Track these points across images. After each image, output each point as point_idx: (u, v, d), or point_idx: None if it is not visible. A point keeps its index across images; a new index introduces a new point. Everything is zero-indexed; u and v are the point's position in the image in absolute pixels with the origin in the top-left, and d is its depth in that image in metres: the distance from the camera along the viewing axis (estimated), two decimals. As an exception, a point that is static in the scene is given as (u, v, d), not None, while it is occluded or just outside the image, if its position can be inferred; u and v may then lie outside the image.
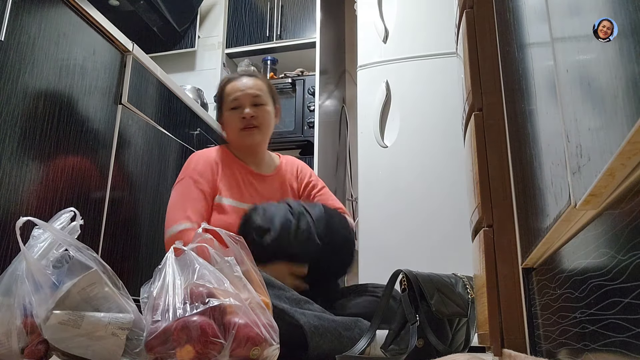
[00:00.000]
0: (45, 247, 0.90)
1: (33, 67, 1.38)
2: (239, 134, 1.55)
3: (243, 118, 1.52)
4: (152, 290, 0.91)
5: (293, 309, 1.15)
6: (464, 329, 1.32)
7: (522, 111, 0.73)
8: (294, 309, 1.16)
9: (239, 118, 1.53)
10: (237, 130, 1.54)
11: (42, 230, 0.93)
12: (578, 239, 0.55)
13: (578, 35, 0.42)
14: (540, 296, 0.75)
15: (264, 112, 1.56)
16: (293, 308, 1.16)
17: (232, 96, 1.55)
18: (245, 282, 0.95)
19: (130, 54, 1.80)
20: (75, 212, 0.98)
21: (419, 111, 2.24)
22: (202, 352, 0.82)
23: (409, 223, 2.12)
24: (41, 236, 0.92)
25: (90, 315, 0.84)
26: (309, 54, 2.84)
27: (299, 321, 1.12)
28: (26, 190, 1.34)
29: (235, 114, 1.54)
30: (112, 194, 1.67)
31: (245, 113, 1.52)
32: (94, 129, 1.62)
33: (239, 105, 1.54)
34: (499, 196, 0.91)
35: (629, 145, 0.32)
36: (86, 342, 0.84)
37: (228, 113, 1.56)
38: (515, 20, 0.76)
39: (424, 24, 2.34)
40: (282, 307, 1.11)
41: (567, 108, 0.46)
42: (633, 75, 0.30)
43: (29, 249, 0.89)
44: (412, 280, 1.24)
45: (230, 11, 3.05)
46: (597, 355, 0.50)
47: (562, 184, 0.49)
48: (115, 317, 0.86)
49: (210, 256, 0.96)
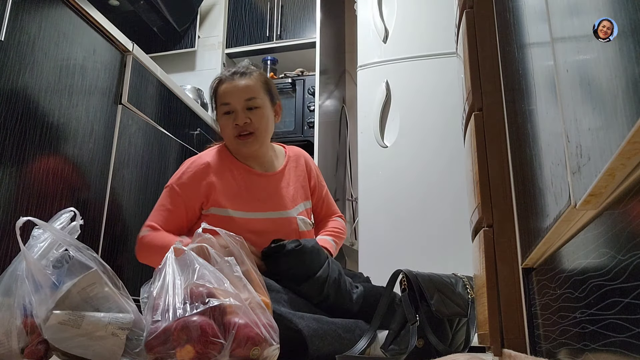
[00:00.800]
0: (45, 247, 0.90)
1: (33, 67, 1.38)
2: (234, 141, 1.42)
3: (236, 125, 1.40)
4: (152, 290, 0.91)
5: (291, 313, 1.14)
6: (464, 329, 1.32)
7: (522, 111, 0.73)
8: (292, 312, 1.15)
9: (232, 125, 1.40)
10: (231, 137, 1.42)
11: (42, 230, 0.93)
12: (578, 239, 0.55)
13: (578, 35, 0.42)
14: (540, 296, 0.75)
15: (259, 116, 1.41)
16: (291, 312, 1.15)
17: (224, 100, 1.42)
18: (245, 282, 0.95)
19: (130, 54, 1.80)
20: (75, 212, 0.98)
21: (419, 111, 2.24)
22: (202, 352, 0.82)
23: (409, 223, 2.12)
24: (41, 236, 0.92)
25: (91, 315, 0.84)
26: (309, 54, 2.84)
27: (298, 325, 1.11)
28: (26, 190, 1.34)
29: (229, 120, 1.41)
30: (112, 194, 1.67)
31: (238, 120, 1.39)
32: (94, 129, 1.62)
33: (231, 110, 1.41)
34: (499, 196, 0.91)
35: (629, 145, 0.32)
36: (86, 342, 0.84)
37: (221, 117, 1.44)
38: (515, 20, 0.76)
39: (424, 24, 2.34)
40: (280, 312, 1.10)
41: (567, 108, 0.46)
42: (633, 75, 0.30)
43: (29, 249, 0.89)
44: (412, 280, 1.24)
45: (230, 11, 3.06)
46: (597, 355, 0.50)
47: (562, 184, 0.49)
48: (115, 317, 0.86)
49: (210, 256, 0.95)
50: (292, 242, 1.26)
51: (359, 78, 2.42)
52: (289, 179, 1.52)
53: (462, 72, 1.17)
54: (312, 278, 1.25)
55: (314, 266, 1.26)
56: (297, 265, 1.24)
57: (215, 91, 1.46)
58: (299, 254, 1.24)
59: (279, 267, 1.26)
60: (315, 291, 1.25)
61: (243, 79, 1.42)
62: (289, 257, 1.24)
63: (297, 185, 1.53)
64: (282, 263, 1.25)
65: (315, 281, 1.25)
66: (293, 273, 1.25)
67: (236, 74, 1.43)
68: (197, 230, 1.00)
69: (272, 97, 1.48)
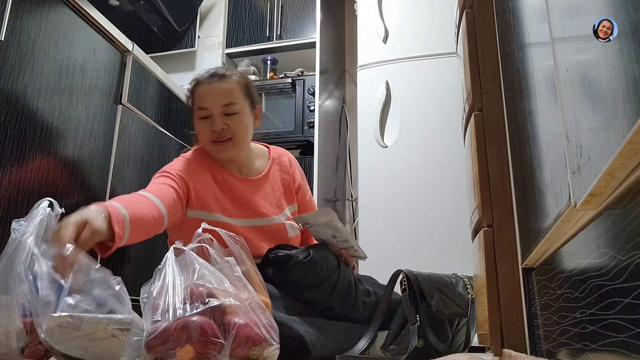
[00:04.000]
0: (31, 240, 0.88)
1: (33, 67, 1.38)
2: (210, 146, 1.35)
3: (213, 131, 1.32)
4: (152, 290, 0.91)
5: (290, 319, 1.13)
6: (464, 329, 1.32)
7: (522, 111, 0.73)
8: (292, 318, 1.14)
9: (209, 130, 1.32)
10: (208, 142, 1.34)
11: (23, 223, 0.90)
12: (578, 239, 0.55)
13: (578, 35, 0.42)
14: (540, 296, 0.75)
15: (237, 122, 1.33)
16: (290, 317, 1.14)
17: (201, 104, 1.33)
18: (245, 282, 0.95)
19: (130, 54, 1.80)
20: (52, 201, 0.94)
21: (419, 111, 2.24)
22: (202, 352, 0.82)
23: (409, 223, 2.12)
24: (22, 229, 0.90)
25: (90, 317, 0.84)
26: (309, 54, 2.84)
27: (298, 332, 1.11)
28: (26, 189, 1.34)
29: (205, 124, 1.33)
30: (112, 194, 1.67)
31: (215, 126, 1.31)
32: (94, 129, 1.62)
33: (208, 115, 1.33)
34: (499, 196, 0.91)
35: (629, 145, 0.32)
36: (86, 344, 0.83)
37: (198, 122, 1.35)
38: (515, 20, 0.76)
39: (424, 24, 2.34)
40: (279, 319, 1.07)
41: (567, 108, 0.46)
42: (633, 75, 0.30)
43: (13, 243, 0.87)
44: (413, 281, 1.24)
45: (230, 11, 3.06)
46: (597, 355, 0.50)
47: (562, 184, 0.49)
48: (114, 318, 0.86)
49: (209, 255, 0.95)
50: (302, 253, 1.22)
51: (359, 78, 2.42)
52: (273, 183, 1.46)
53: (462, 72, 1.17)
54: (319, 287, 1.22)
55: (322, 276, 1.22)
56: (306, 276, 1.20)
57: (192, 93, 1.37)
58: (308, 265, 1.20)
59: (287, 278, 1.21)
60: (321, 300, 1.23)
61: (222, 83, 1.34)
62: (299, 268, 1.20)
63: (283, 188, 1.48)
64: (291, 274, 1.20)
65: (321, 291, 1.22)
66: (301, 283, 1.21)
67: (215, 77, 1.35)
68: (197, 230, 1.00)
69: (252, 101, 1.40)
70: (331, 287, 1.23)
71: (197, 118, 1.35)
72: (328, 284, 1.22)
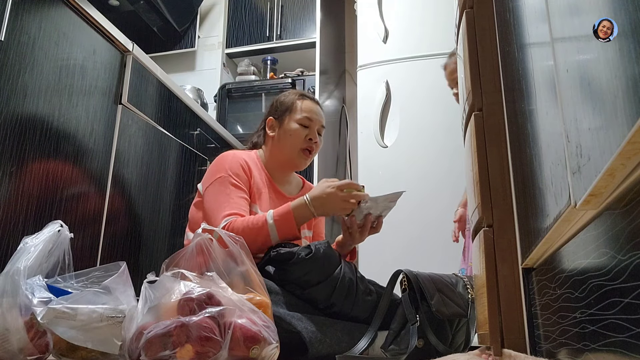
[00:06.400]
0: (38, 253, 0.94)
1: (33, 67, 1.38)
2: (296, 152, 1.53)
3: (310, 139, 1.53)
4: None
5: (289, 315, 1.13)
6: (464, 329, 1.32)
7: (522, 111, 0.73)
8: (291, 313, 1.15)
9: (305, 137, 1.53)
10: (296, 147, 1.53)
11: (34, 237, 0.97)
12: (578, 239, 0.55)
13: (578, 35, 0.42)
14: (540, 296, 0.75)
15: (319, 144, 1.59)
16: (289, 313, 1.15)
17: (307, 114, 1.54)
18: (245, 282, 0.95)
19: (130, 54, 1.80)
20: (62, 223, 1.03)
21: (419, 111, 2.24)
22: (201, 352, 0.82)
23: (409, 223, 2.12)
24: (31, 242, 0.97)
25: (84, 307, 0.88)
26: (309, 54, 2.84)
27: (297, 327, 1.11)
28: (26, 189, 1.34)
29: (303, 131, 1.53)
30: (112, 194, 1.67)
31: (313, 136, 1.54)
32: (94, 129, 1.62)
33: (309, 126, 1.54)
34: (499, 196, 0.91)
35: (629, 145, 0.32)
36: (83, 332, 0.88)
37: (294, 125, 1.53)
38: (515, 20, 0.76)
39: (424, 24, 2.34)
40: (278, 314, 1.08)
41: (567, 108, 0.46)
42: (633, 75, 0.30)
43: (19, 254, 0.93)
44: (413, 281, 1.24)
45: (230, 11, 3.06)
46: (597, 355, 0.50)
47: (562, 184, 0.49)
48: (108, 307, 0.91)
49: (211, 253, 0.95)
50: (304, 250, 1.23)
51: (359, 78, 2.42)
52: None
53: (462, 72, 1.17)
54: (320, 284, 1.22)
55: (324, 273, 1.22)
56: (308, 273, 1.21)
57: (295, 102, 1.57)
58: (310, 262, 1.21)
59: (289, 276, 1.22)
60: (321, 297, 1.23)
61: (321, 109, 1.61)
62: (301, 265, 1.21)
63: None
64: (293, 271, 1.22)
65: (322, 288, 1.22)
66: (303, 281, 1.22)
67: (316, 101, 1.61)
68: (197, 230, 1.01)
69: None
70: (332, 284, 1.23)
71: (297, 123, 1.54)
72: (329, 281, 1.22)
